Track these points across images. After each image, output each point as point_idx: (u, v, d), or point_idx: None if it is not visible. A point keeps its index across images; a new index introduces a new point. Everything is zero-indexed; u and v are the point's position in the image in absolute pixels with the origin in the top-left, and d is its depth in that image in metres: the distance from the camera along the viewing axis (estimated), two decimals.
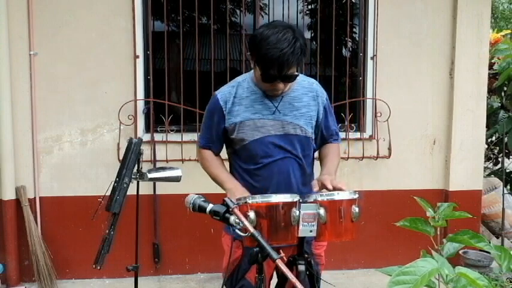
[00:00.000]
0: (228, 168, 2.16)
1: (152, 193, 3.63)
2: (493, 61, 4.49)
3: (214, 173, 2.08)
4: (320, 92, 2.11)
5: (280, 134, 2.01)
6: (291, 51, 1.81)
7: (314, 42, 3.94)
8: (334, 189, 1.81)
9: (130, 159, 2.05)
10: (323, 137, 2.16)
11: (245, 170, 2.06)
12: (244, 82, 2.05)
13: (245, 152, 2.04)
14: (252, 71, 2.03)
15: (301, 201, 1.73)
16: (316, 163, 2.20)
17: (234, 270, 2.01)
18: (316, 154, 2.21)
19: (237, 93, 2.02)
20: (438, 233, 1.35)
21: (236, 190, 1.93)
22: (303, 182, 2.04)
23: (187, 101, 3.73)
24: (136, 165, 2.08)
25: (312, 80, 2.15)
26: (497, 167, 4.98)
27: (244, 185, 2.01)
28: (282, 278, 1.84)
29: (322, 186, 1.87)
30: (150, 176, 2.12)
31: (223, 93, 2.05)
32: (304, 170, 2.07)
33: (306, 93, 2.06)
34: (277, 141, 2.00)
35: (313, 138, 2.10)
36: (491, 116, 4.36)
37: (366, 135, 3.87)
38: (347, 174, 3.76)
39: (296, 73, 1.93)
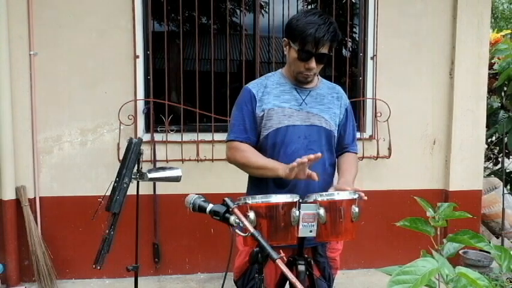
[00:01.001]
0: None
1: (152, 193, 3.63)
2: (493, 61, 4.49)
3: (260, 162, 1.99)
4: (343, 95, 2.19)
5: (306, 125, 2.04)
6: (326, 28, 1.90)
7: None
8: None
9: (130, 159, 2.05)
10: (343, 141, 2.16)
11: None
12: (274, 76, 2.12)
13: (270, 141, 2.03)
14: (281, 69, 2.13)
15: (301, 201, 1.74)
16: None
17: (247, 270, 2.01)
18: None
19: (267, 84, 2.09)
20: (438, 233, 1.35)
21: (286, 166, 1.86)
22: (323, 178, 2.01)
23: (187, 101, 3.73)
24: (136, 165, 2.08)
25: (336, 84, 2.23)
26: (497, 167, 4.98)
27: (264, 180, 2.00)
28: (282, 278, 1.84)
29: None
30: (150, 176, 2.11)
31: (253, 84, 2.11)
32: (326, 165, 2.06)
33: (331, 93, 2.14)
34: (302, 131, 2.03)
35: (336, 135, 2.12)
36: (491, 116, 4.36)
37: (366, 135, 3.87)
38: None
39: (329, 54, 1.98)
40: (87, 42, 3.53)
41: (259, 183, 2.04)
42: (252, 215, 1.64)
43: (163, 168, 2.20)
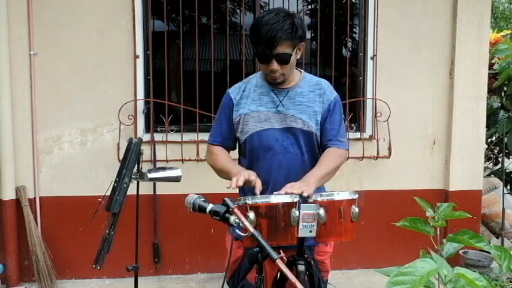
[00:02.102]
0: None
1: (152, 193, 3.63)
2: (493, 61, 4.49)
3: (221, 165, 2.04)
4: (328, 91, 2.08)
5: (282, 127, 2.01)
6: (280, 26, 1.84)
7: (314, 42, 3.94)
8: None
9: (130, 159, 2.05)
10: (325, 136, 2.09)
11: (247, 167, 2.05)
12: (254, 78, 2.11)
13: (248, 146, 2.05)
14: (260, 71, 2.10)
15: (300, 201, 1.74)
16: None
17: (236, 271, 2.01)
18: None
19: (246, 87, 2.08)
20: (438, 233, 1.35)
21: (242, 172, 1.87)
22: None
23: (187, 101, 3.73)
24: (136, 165, 2.08)
25: (323, 80, 2.14)
26: (497, 167, 4.98)
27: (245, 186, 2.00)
28: (282, 278, 1.84)
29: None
30: (150, 176, 2.11)
31: (234, 88, 2.12)
32: (306, 166, 2.03)
33: (313, 90, 2.07)
34: (279, 134, 2.01)
35: (318, 134, 2.07)
36: (491, 116, 4.36)
37: (366, 135, 3.87)
38: (347, 174, 3.77)
39: (290, 53, 1.92)
40: (87, 42, 3.53)
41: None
42: (251, 215, 1.64)
43: (163, 168, 2.20)
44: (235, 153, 2.18)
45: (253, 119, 2.02)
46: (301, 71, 2.11)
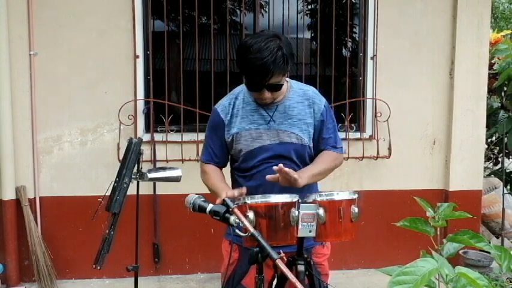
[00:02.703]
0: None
1: (152, 193, 3.63)
2: (493, 61, 4.49)
3: (211, 184, 2.03)
4: (317, 100, 2.06)
5: (275, 143, 2.00)
6: (272, 59, 1.80)
7: (314, 42, 3.94)
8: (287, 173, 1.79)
9: (130, 159, 2.05)
10: (319, 144, 2.08)
11: (240, 184, 2.05)
12: (241, 94, 2.06)
13: (243, 163, 2.04)
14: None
15: (300, 201, 1.73)
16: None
17: (231, 275, 2.00)
18: None
19: (234, 104, 2.04)
20: (438, 233, 1.35)
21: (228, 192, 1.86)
22: (299, 190, 1.96)
23: (187, 101, 3.73)
24: (136, 165, 2.08)
25: (309, 87, 2.11)
26: (497, 167, 4.98)
27: (235, 183, 2.03)
28: (282, 278, 1.83)
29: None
30: (150, 176, 2.11)
31: (222, 106, 2.06)
32: None
33: (302, 101, 2.04)
34: (272, 151, 1.99)
35: (311, 146, 2.06)
36: (491, 116, 4.36)
37: (366, 135, 3.87)
38: (347, 174, 3.77)
39: (281, 82, 1.91)
40: (87, 42, 3.53)
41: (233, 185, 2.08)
42: (251, 214, 1.64)
43: (163, 168, 2.20)
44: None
45: (245, 137, 2.00)
46: (287, 80, 2.04)
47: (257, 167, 2.01)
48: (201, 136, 3.61)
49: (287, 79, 2.04)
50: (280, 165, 1.79)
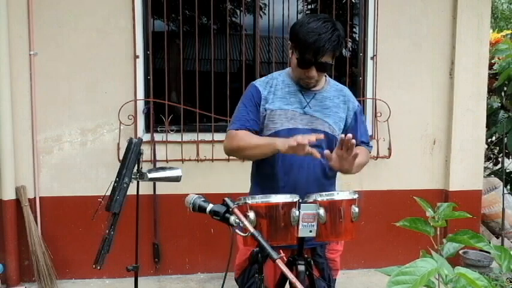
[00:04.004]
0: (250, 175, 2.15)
1: (152, 193, 3.63)
2: (493, 61, 4.50)
3: (256, 141, 1.96)
4: (352, 98, 2.14)
5: (307, 128, 2.01)
6: (328, 37, 1.85)
7: None
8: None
9: (130, 159, 2.05)
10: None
11: (264, 168, 2.04)
12: (280, 76, 2.09)
13: None
14: (288, 68, 2.09)
15: (300, 201, 1.74)
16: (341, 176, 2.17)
17: (246, 268, 2.01)
18: None
19: (273, 83, 2.06)
20: (438, 233, 1.35)
21: (286, 140, 1.82)
22: (321, 183, 2.01)
23: (187, 101, 3.73)
24: (136, 165, 2.08)
25: (344, 86, 2.17)
26: (497, 167, 4.98)
27: (263, 186, 2.01)
28: (282, 278, 1.84)
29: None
30: (150, 176, 2.11)
31: (261, 82, 2.09)
32: (326, 170, 2.04)
33: (337, 96, 2.09)
34: (303, 135, 2.00)
35: (339, 139, 2.08)
36: (491, 116, 4.36)
37: None
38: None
39: (331, 63, 1.94)
40: (87, 42, 3.53)
41: (262, 182, 2.05)
42: (251, 215, 1.64)
43: (163, 168, 2.20)
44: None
45: (280, 117, 2.00)
46: (325, 75, 2.10)
47: (284, 154, 1.95)
48: (201, 136, 3.63)
49: (325, 74, 2.08)
50: (349, 135, 1.76)
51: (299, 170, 1.98)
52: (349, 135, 1.76)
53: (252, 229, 1.50)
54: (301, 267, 1.78)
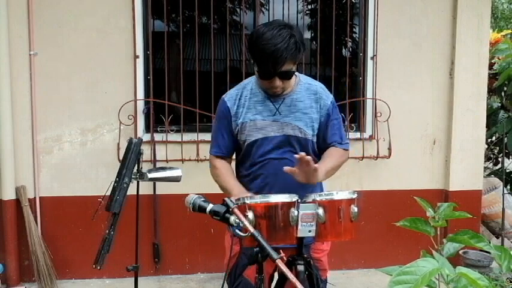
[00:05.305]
0: None
1: (152, 193, 3.63)
2: (493, 61, 4.49)
3: (223, 182, 2.07)
4: (324, 95, 2.08)
5: (279, 135, 2.01)
6: (284, 46, 1.82)
7: (314, 42, 3.94)
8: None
9: (130, 159, 2.05)
10: (325, 141, 2.10)
11: (244, 175, 2.08)
12: (249, 85, 2.08)
13: (245, 154, 2.07)
14: (255, 76, 2.06)
15: (299, 201, 1.73)
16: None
17: (233, 268, 2.01)
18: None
19: (241, 95, 2.06)
20: (438, 233, 1.35)
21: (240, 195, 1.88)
22: (300, 185, 1.97)
23: (187, 101, 3.73)
24: (136, 165, 2.08)
25: (317, 83, 2.13)
26: (497, 167, 4.98)
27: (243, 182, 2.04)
28: (282, 278, 1.83)
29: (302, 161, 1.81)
30: (150, 176, 2.11)
31: (230, 96, 2.08)
32: None
33: (309, 95, 2.06)
34: (275, 142, 2.01)
35: (314, 141, 2.08)
36: (491, 116, 4.36)
37: (366, 135, 3.87)
38: (347, 174, 3.76)
39: (292, 70, 1.92)
40: (87, 42, 3.53)
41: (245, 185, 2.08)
42: (250, 214, 1.64)
43: (163, 168, 2.20)
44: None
45: (250, 128, 2.02)
46: (296, 74, 2.06)
47: (259, 161, 2.02)
48: (201, 136, 3.63)
49: (296, 73, 2.05)
50: (302, 153, 1.80)
51: (274, 177, 1.99)
52: (302, 153, 1.79)
53: (251, 229, 1.50)
54: (301, 267, 1.78)
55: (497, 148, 4.97)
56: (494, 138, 4.79)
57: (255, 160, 2.04)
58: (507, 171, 4.64)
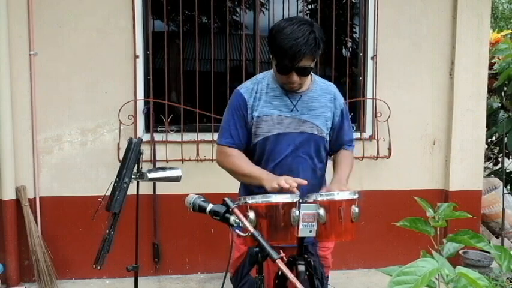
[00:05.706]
0: None
1: (152, 193, 3.63)
2: (493, 61, 4.49)
3: (244, 168, 2.00)
4: (338, 95, 2.13)
5: (296, 132, 2.01)
6: (304, 41, 1.82)
7: None
8: None
9: (130, 159, 2.05)
10: (338, 141, 2.15)
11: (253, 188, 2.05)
12: (265, 79, 2.07)
13: (259, 149, 2.04)
14: (272, 70, 2.07)
15: (300, 201, 1.74)
16: (329, 168, 2.19)
17: (240, 267, 2.01)
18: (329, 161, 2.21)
19: (257, 88, 2.05)
20: (438, 233, 1.35)
21: (273, 178, 1.86)
22: (312, 183, 2.00)
23: (187, 101, 3.73)
24: (136, 165, 2.08)
25: (330, 83, 2.16)
26: (497, 167, 4.98)
27: (253, 187, 2.01)
28: (283, 278, 1.84)
29: None
30: (150, 176, 2.11)
31: (246, 88, 2.07)
32: (316, 171, 2.06)
33: (324, 94, 2.08)
34: (292, 139, 2.01)
35: (328, 140, 2.10)
36: (491, 116, 4.36)
37: (366, 135, 3.87)
38: None
39: (311, 66, 1.93)
40: (87, 42, 3.52)
41: (248, 186, 2.07)
42: (252, 214, 1.64)
43: (163, 168, 2.20)
44: None
45: (266, 123, 2.00)
46: (311, 74, 2.07)
47: (274, 158, 2.01)
48: (201, 136, 3.63)
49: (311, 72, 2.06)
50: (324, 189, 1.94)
51: (288, 174, 1.96)
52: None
53: (252, 229, 1.50)
54: (301, 267, 1.78)
55: (497, 148, 4.97)
56: (494, 138, 4.79)
57: (269, 156, 2.02)
58: (507, 171, 4.64)
